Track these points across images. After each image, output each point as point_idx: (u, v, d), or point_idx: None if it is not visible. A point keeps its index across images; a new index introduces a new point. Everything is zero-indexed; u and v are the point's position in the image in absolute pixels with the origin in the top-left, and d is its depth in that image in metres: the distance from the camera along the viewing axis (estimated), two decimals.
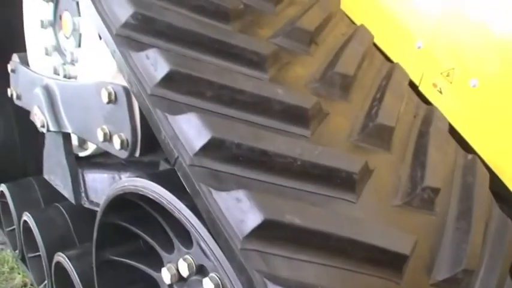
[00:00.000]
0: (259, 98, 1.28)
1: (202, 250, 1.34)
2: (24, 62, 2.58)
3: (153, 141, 1.66)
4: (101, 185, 2.17)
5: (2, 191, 2.76)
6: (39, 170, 2.81)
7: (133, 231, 1.58)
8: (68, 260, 1.96)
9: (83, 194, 2.18)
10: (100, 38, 1.73)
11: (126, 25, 1.30)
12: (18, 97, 2.61)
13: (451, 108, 1.87)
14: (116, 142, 1.63)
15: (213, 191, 1.08)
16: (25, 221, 2.38)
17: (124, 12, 1.30)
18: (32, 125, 2.80)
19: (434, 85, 1.94)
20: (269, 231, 1.04)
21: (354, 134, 1.46)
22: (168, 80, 1.21)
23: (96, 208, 2.20)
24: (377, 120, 1.46)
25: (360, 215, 1.23)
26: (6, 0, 2.71)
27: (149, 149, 1.67)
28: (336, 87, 1.54)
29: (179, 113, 1.17)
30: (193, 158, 1.12)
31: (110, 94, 1.63)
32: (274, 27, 1.63)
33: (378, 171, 1.39)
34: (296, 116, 1.32)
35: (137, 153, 1.65)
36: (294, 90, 1.39)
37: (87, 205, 2.21)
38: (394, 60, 1.97)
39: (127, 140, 1.62)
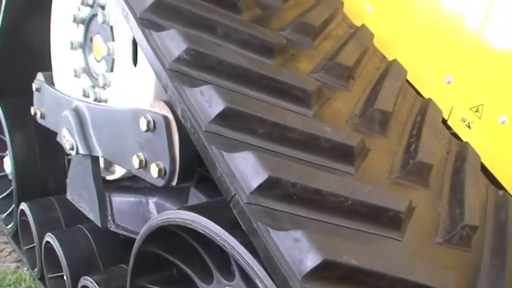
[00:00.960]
0: (309, 135, 1.30)
1: (246, 284, 1.34)
2: (50, 82, 2.59)
3: (189, 170, 1.69)
4: (128, 209, 2.18)
5: (22, 210, 2.75)
6: (59, 190, 2.83)
7: (169, 260, 1.59)
8: (96, 285, 1.95)
9: (109, 217, 2.19)
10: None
11: (178, 60, 1.32)
12: (42, 116, 2.62)
13: (480, 143, 1.89)
14: (154, 170, 1.64)
15: (271, 230, 1.09)
16: (47, 242, 2.37)
17: (177, 47, 1.32)
18: (53, 144, 2.83)
19: (463, 120, 1.97)
20: (327, 271, 1.06)
21: (395, 171, 1.48)
22: (223, 117, 1.22)
23: (122, 232, 2.22)
24: (417, 158, 1.49)
25: (406, 254, 1.25)
26: (31, 19, 2.71)
27: (186, 178, 1.68)
28: (375, 123, 1.57)
29: (235, 151, 1.18)
30: (249, 196, 1.13)
31: (148, 123, 1.64)
32: (313, 61, 1.66)
33: (418, 209, 1.41)
34: (342, 153, 1.34)
35: (174, 182, 1.66)
36: (340, 128, 1.40)
37: (113, 228, 2.21)
38: (424, 94, 2.00)
39: (165, 169, 1.63)
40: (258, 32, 1.52)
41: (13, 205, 3.23)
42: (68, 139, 2.15)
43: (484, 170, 1.87)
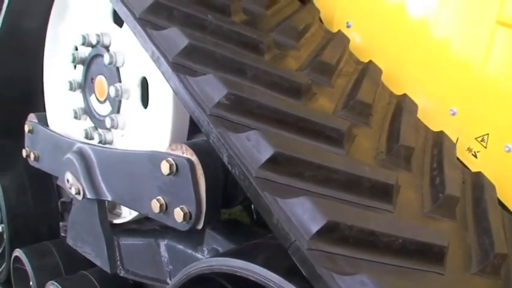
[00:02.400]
0: (351, 176, 1.31)
1: None
2: (44, 123, 2.53)
3: (214, 213, 1.68)
4: (137, 253, 2.12)
5: (17, 256, 2.64)
6: (52, 234, 2.74)
7: None
8: None
9: (118, 263, 2.12)
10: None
11: (218, 105, 1.31)
12: (36, 159, 2.54)
13: (486, 172, 1.95)
14: (178, 215, 1.61)
15: (336, 275, 1.09)
16: None
17: (217, 92, 1.31)
18: (45, 187, 2.76)
19: (469, 149, 2.02)
20: None
21: (426, 205, 1.51)
22: (272, 162, 1.22)
23: (132, 277, 2.16)
24: (445, 191, 1.52)
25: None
26: (20, 60, 2.64)
27: (210, 221, 1.66)
28: (400, 158, 1.60)
29: (289, 197, 1.18)
30: (309, 241, 1.13)
31: (171, 166, 1.61)
32: (334, 100, 1.68)
33: (452, 242, 1.43)
34: (381, 192, 1.36)
35: (200, 226, 1.64)
36: (378, 167, 1.42)
37: (122, 274, 2.15)
38: (429, 126, 2.05)
39: (190, 213, 1.61)
40: (285, 73, 1.54)
41: (0, 250, 3.10)
42: (73, 183, 2.09)
43: None
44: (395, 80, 2.08)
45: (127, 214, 2.20)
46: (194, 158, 1.60)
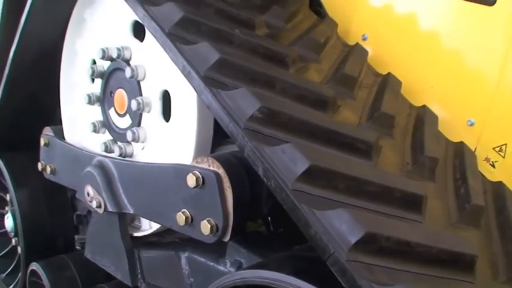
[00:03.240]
0: (383, 187, 1.33)
1: None
2: (60, 136, 2.54)
3: (241, 225, 1.68)
4: (158, 265, 2.13)
5: (33, 270, 2.64)
6: (67, 247, 2.74)
7: None
8: None
9: (139, 276, 2.12)
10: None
11: (252, 119, 1.33)
12: (53, 172, 2.55)
13: (505, 181, 1.96)
14: (205, 228, 1.62)
15: (376, 286, 1.10)
16: None
17: (250, 106, 1.33)
18: (60, 200, 2.76)
19: (487, 159, 2.04)
20: None
21: (453, 215, 1.53)
22: (308, 175, 1.24)
23: None
24: (472, 201, 1.54)
25: None
26: (36, 75, 2.66)
27: (237, 233, 1.67)
28: (426, 169, 1.62)
29: (326, 208, 1.19)
30: (348, 253, 1.14)
31: (197, 179, 1.63)
32: (358, 112, 1.70)
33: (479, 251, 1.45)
34: (412, 203, 1.38)
35: (227, 238, 1.64)
36: (407, 179, 1.44)
37: (143, 287, 2.14)
38: (448, 137, 2.07)
39: (217, 225, 1.62)
40: (312, 86, 1.56)
41: (13, 264, 3.10)
42: (93, 196, 2.10)
43: None
44: (413, 91, 2.11)
45: (147, 227, 2.20)
46: (221, 171, 1.61)
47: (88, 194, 2.14)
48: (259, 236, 2.06)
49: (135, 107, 1.95)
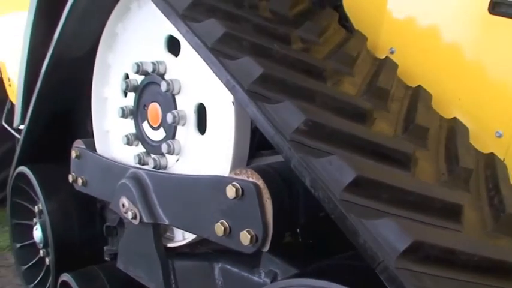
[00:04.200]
0: (424, 198, 1.36)
1: None
2: (91, 148, 2.59)
3: (280, 235, 1.72)
4: (192, 276, 2.16)
5: (64, 281, 2.68)
6: (96, 258, 2.78)
7: None
8: None
9: (173, 286, 2.16)
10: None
11: (297, 131, 1.37)
12: (84, 184, 2.60)
13: None
14: (244, 238, 1.65)
15: None
16: None
17: (295, 118, 1.37)
18: (90, 212, 2.81)
19: None
20: None
21: (489, 225, 1.55)
22: (354, 185, 1.27)
23: None
24: (506, 210, 1.56)
25: None
26: (67, 89, 2.73)
27: (276, 244, 1.70)
28: (460, 180, 1.65)
29: (373, 218, 1.23)
30: (397, 261, 1.17)
31: (237, 190, 1.66)
32: (393, 124, 1.74)
33: None
34: (451, 212, 1.41)
35: (266, 248, 1.67)
36: (447, 189, 1.47)
37: None
38: (476, 147, 2.09)
39: (256, 236, 1.65)
40: (350, 99, 1.61)
41: (41, 275, 3.15)
42: (129, 208, 2.14)
43: None
44: (441, 103, 2.14)
45: (180, 238, 2.24)
46: (260, 182, 1.65)
47: (123, 205, 2.18)
48: (293, 246, 2.09)
49: (171, 120, 2.00)
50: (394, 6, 2.31)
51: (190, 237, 2.16)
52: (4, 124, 4.75)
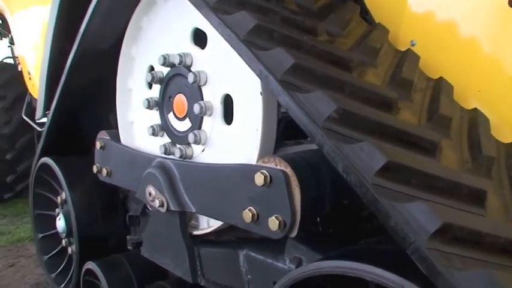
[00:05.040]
0: (452, 183, 1.41)
1: None
2: (116, 140, 2.65)
3: (308, 221, 1.77)
4: (217, 263, 2.22)
5: (89, 269, 2.75)
6: (119, 247, 2.85)
7: None
8: None
9: (199, 272, 2.22)
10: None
11: (329, 119, 1.42)
12: (108, 174, 2.67)
13: None
14: (273, 224, 1.70)
15: (454, 272, 1.18)
16: None
17: (327, 107, 1.42)
18: (113, 202, 2.88)
19: None
20: None
21: (510, 211, 1.60)
22: (385, 170, 1.32)
23: (211, 286, 2.25)
24: None
25: None
26: (92, 80, 2.79)
27: (304, 229, 1.75)
28: (483, 167, 1.69)
29: (405, 201, 1.28)
30: (428, 242, 1.22)
31: (265, 178, 1.72)
32: (417, 114, 1.78)
33: None
34: (476, 197, 1.45)
35: (294, 234, 1.73)
36: (472, 175, 1.52)
37: (203, 283, 2.24)
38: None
39: (284, 222, 1.70)
40: (376, 89, 1.65)
41: (63, 263, 3.22)
42: (155, 196, 2.20)
43: None
44: (460, 95, 2.18)
45: (205, 226, 2.30)
46: (289, 170, 1.70)
47: (150, 194, 2.25)
48: (317, 233, 2.13)
49: (198, 111, 2.05)
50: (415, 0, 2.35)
51: (215, 225, 2.22)
52: (24, 117, 4.84)
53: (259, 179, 1.74)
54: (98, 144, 2.74)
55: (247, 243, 2.18)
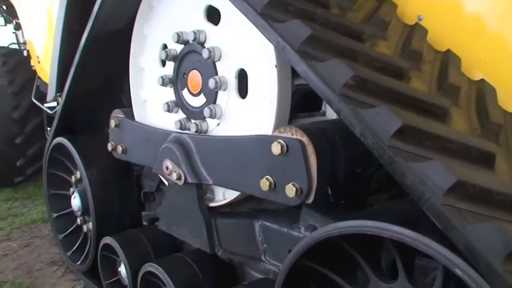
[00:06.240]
0: (462, 145, 1.49)
1: (410, 282, 1.50)
2: (130, 117, 2.72)
3: (324, 189, 1.84)
4: (233, 233, 2.29)
5: (106, 244, 2.83)
6: (134, 224, 2.93)
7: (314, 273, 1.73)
8: None
9: (216, 243, 2.30)
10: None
11: (346, 86, 1.49)
12: (124, 151, 2.73)
13: None
14: (290, 191, 1.77)
15: (468, 225, 1.26)
16: (148, 272, 2.45)
17: (344, 75, 1.49)
18: (128, 179, 2.95)
19: None
20: None
21: None
22: (400, 133, 1.40)
23: (229, 256, 2.34)
24: None
25: None
26: (106, 59, 2.85)
27: (319, 196, 1.82)
28: (491, 133, 1.77)
29: (420, 161, 1.35)
30: (442, 198, 1.30)
31: (282, 147, 1.79)
32: (427, 84, 1.85)
33: None
34: (485, 159, 1.53)
35: (310, 200, 1.80)
36: (482, 139, 1.59)
37: (220, 253, 2.32)
38: None
39: (301, 189, 1.77)
40: (389, 59, 1.72)
41: (78, 241, 3.31)
42: (173, 169, 2.27)
43: None
44: (467, 67, 2.25)
45: (221, 197, 2.37)
46: (305, 139, 1.77)
47: (167, 168, 2.32)
48: (329, 201, 2.19)
49: (213, 86, 2.12)
50: None
51: (230, 196, 2.29)
52: (34, 100, 4.90)
53: (276, 149, 1.80)
54: (112, 123, 2.81)
55: (263, 214, 2.26)
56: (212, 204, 2.37)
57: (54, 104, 4.27)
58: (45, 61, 4.19)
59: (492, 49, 2.26)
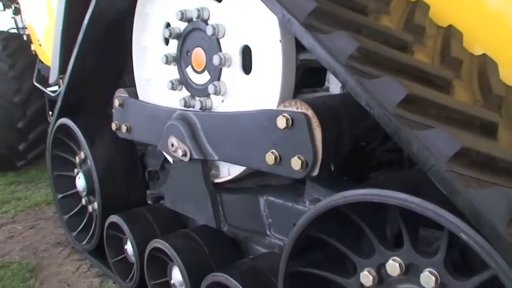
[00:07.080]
0: (466, 115, 1.51)
1: (415, 250, 1.53)
2: (134, 96, 2.74)
3: (328, 161, 1.87)
4: (239, 209, 2.33)
5: (112, 222, 2.86)
6: (139, 203, 2.96)
7: (322, 242, 1.76)
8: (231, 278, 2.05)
9: (222, 218, 2.33)
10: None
11: (351, 57, 1.51)
12: (128, 130, 2.76)
13: None
14: (295, 164, 1.79)
15: (472, 191, 1.29)
16: (154, 248, 2.49)
17: (349, 46, 1.51)
18: (132, 159, 2.98)
19: None
20: None
21: None
22: (405, 102, 1.42)
23: (235, 231, 2.37)
24: None
25: None
26: (110, 38, 2.86)
27: (324, 168, 1.85)
28: (494, 105, 1.79)
29: (425, 129, 1.38)
30: (447, 164, 1.33)
31: (287, 120, 1.81)
32: (430, 57, 1.88)
33: None
34: (488, 129, 1.55)
35: (315, 173, 1.82)
36: (486, 110, 1.62)
37: (226, 228, 2.36)
38: None
39: (306, 161, 1.80)
40: (393, 32, 1.74)
41: (84, 221, 3.34)
42: (178, 146, 2.30)
43: None
44: (470, 43, 2.27)
45: (225, 173, 2.40)
46: (310, 112, 1.79)
47: (172, 144, 2.34)
48: (332, 175, 2.22)
49: (217, 62, 2.13)
50: None
51: (235, 172, 2.32)
52: (36, 83, 4.91)
53: (281, 122, 1.83)
54: (116, 102, 2.82)
55: (267, 189, 2.30)
56: (217, 181, 2.40)
57: (56, 88, 4.28)
58: (46, 44, 4.19)
59: (494, 25, 2.28)
